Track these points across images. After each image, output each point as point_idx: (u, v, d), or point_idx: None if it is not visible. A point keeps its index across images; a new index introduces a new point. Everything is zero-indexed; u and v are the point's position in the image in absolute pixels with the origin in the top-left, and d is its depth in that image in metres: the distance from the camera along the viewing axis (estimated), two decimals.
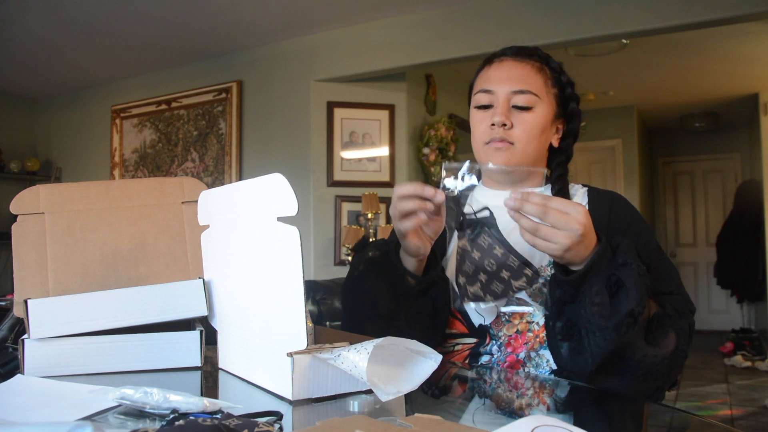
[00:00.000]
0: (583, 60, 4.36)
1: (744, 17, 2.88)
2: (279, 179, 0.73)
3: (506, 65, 1.11)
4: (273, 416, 0.62)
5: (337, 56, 3.81)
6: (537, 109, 1.08)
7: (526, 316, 1.05)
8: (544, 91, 1.10)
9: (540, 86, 1.09)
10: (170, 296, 0.93)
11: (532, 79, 1.09)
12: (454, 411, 0.75)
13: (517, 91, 1.08)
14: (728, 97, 5.54)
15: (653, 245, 1.06)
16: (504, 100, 1.08)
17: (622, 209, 1.11)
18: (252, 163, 4.12)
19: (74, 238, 1.01)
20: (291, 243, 0.71)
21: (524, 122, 1.07)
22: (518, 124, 1.07)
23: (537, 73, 1.10)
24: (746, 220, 5.67)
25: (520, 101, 1.07)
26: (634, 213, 1.12)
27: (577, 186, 1.18)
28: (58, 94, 5.13)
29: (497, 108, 1.08)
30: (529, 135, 1.07)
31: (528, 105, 1.07)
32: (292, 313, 0.71)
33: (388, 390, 0.66)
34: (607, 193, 1.14)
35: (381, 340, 0.69)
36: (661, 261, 1.06)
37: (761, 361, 5.01)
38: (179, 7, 3.42)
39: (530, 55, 1.12)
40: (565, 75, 1.15)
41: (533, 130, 1.08)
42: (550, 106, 1.10)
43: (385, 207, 3.70)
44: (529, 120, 1.07)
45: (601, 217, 1.06)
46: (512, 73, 1.09)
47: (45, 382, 0.82)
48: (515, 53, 1.13)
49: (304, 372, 0.71)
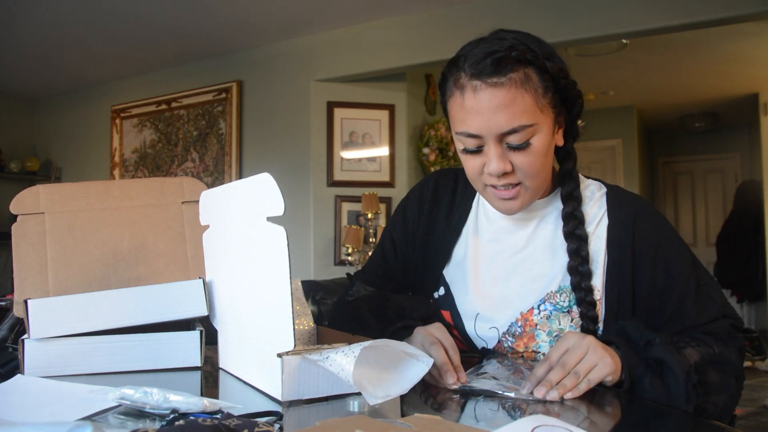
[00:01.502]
0: (583, 60, 4.36)
1: (744, 17, 2.88)
2: (266, 179, 0.73)
3: (484, 97, 0.88)
4: (273, 416, 0.63)
5: (337, 56, 3.81)
6: (536, 138, 0.90)
7: (531, 345, 1.00)
8: (538, 108, 0.89)
9: (531, 109, 0.88)
10: (170, 296, 0.93)
11: (521, 106, 0.87)
12: (453, 410, 0.75)
13: (507, 132, 0.88)
14: (728, 97, 5.54)
15: (687, 270, 0.97)
16: (495, 144, 0.90)
17: (647, 227, 0.99)
18: (252, 163, 4.12)
19: (74, 238, 1.01)
20: (278, 243, 0.71)
21: (526, 161, 0.91)
22: (519, 164, 0.91)
23: (524, 92, 0.88)
24: (746, 220, 5.67)
25: (514, 141, 0.89)
26: (661, 230, 1.00)
27: (593, 185, 1.06)
28: (58, 94, 5.13)
29: (491, 154, 0.91)
30: (534, 170, 0.93)
31: (524, 141, 0.89)
32: (280, 313, 0.71)
33: (377, 393, 0.66)
34: (630, 204, 1.01)
35: (371, 342, 0.69)
36: (701, 287, 0.97)
37: (761, 361, 5.01)
38: (179, 8, 3.42)
39: (504, 67, 0.87)
40: (552, 60, 0.91)
41: (537, 162, 0.92)
42: (548, 118, 0.92)
43: (384, 207, 3.70)
44: (531, 155, 0.91)
45: (624, 236, 0.98)
46: (495, 109, 0.87)
47: (45, 382, 0.82)
48: (487, 73, 0.87)
49: (294, 373, 0.71)
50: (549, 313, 0.99)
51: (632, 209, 1.01)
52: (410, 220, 1.16)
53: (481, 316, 1.04)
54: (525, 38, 0.93)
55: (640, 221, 0.99)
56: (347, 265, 3.67)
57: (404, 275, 1.16)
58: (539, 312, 1.00)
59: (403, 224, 1.16)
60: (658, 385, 0.83)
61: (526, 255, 1.04)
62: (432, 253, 1.12)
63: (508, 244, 1.06)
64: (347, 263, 3.67)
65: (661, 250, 0.98)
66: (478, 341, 1.04)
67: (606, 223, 1.01)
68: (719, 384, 0.89)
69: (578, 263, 0.98)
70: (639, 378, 0.84)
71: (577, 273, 0.98)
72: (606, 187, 1.06)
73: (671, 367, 0.83)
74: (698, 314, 0.96)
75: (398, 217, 1.19)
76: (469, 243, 1.09)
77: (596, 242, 1.01)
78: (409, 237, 1.15)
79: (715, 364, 0.89)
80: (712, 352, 0.90)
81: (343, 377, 0.67)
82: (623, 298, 0.98)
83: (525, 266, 1.03)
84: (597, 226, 1.02)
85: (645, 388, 0.83)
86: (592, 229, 1.01)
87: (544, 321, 1.00)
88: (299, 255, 3.72)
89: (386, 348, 0.71)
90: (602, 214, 1.02)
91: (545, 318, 0.99)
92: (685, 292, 0.97)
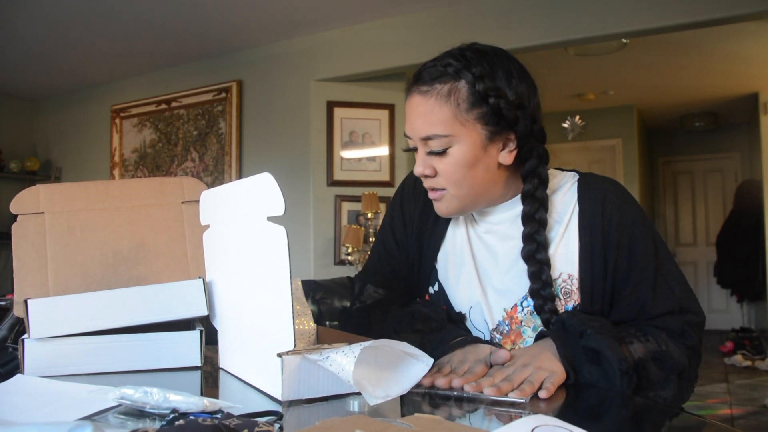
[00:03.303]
0: (583, 60, 4.36)
1: (743, 17, 2.88)
2: (267, 179, 0.73)
3: (413, 102, 0.98)
4: (273, 416, 0.63)
5: (337, 56, 3.81)
6: (454, 149, 0.95)
7: (518, 342, 1.01)
8: (458, 123, 0.94)
9: (449, 121, 0.94)
10: (170, 296, 0.93)
11: (437, 116, 0.94)
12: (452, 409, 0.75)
13: (425, 138, 0.96)
14: (728, 96, 5.54)
15: (648, 257, 0.98)
16: (420, 147, 0.98)
17: (614, 210, 1.00)
18: (252, 162, 4.12)
19: (74, 238, 1.01)
20: (278, 243, 0.71)
21: (445, 167, 0.97)
22: (440, 169, 0.98)
23: (443, 104, 0.94)
24: (746, 220, 5.67)
25: (433, 146, 0.96)
26: (627, 213, 1.01)
27: (568, 175, 1.08)
28: (58, 94, 5.13)
29: (417, 156, 1.00)
30: (454, 178, 0.97)
31: (441, 148, 0.96)
32: (280, 313, 0.71)
33: (377, 393, 0.66)
34: (598, 187, 1.03)
35: (371, 342, 0.69)
36: (660, 275, 0.98)
37: (761, 360, 5.01)
38: (179, 7, 3.42)
39: (436, 78, 0.96)
40: (486, 80, 0.94)
41: (457, 172, 0.96)
42: (472, 134, 0.95)
43: (384, 207, 3.70)
44: (449, 164, 0.96)
45: (593, 219, 1.00)
46: (418, 114, 0.97)
47: (45, 382, 0.82)
48: (420, 82, 0.98)
49: (294, 373, 0.71)
50: (532, 309, 1.00)
51: (601, 192, 1.02)
52: (407, 211, 1.16)
53: (474, 309, 1.05)
54: (481, 56, 0.97)
55: (608, 203, 1.01)
56: (347, 265, 3.67)
57: (409, 269, 1.15)
58: (522, 309, 1.01)
59: (401, 216, 1.16)
60: (597, 372, 0.86)
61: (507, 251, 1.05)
62: (425, 248, 1.12)
63: (490, 243, 1.07)
64: (347, 263, 3.67)
65: (625, 234, 0.99)
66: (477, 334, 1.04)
67: (577, 210, 1.02)
68: (662, 381, 0.90)
69: (539, 287, 0.98)
70: (579, 367, 0.87)
71: (539, 297, 0.98)
72: (579, 174, 1.07)
73: (605, 355, 0.85)
74: (654, 303, 0.96)
75: (395, 208, 1.18)
76: (456, 240, 1.10)
77: (571, 230, 1.02)
78: (408, 228, 1.15)
79: (657, 361, 0.90)
80: (659, 348, 0.91)
81: (343, 377, 0.67)
82: (596, 282, 0.99)
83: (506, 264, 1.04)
84: (570, 214, 1.02)
85: (585, 376, 0.86)
86: (567, 218, 1.02)
87: (528, 317, 1.01)
88: (299, 255, 3.72)
89: (386, 348, 0.71)
90: (574, 201, 1.03)
91: (529, 314, 1.01)
92: (642, 279, 0.97)
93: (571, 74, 4.84)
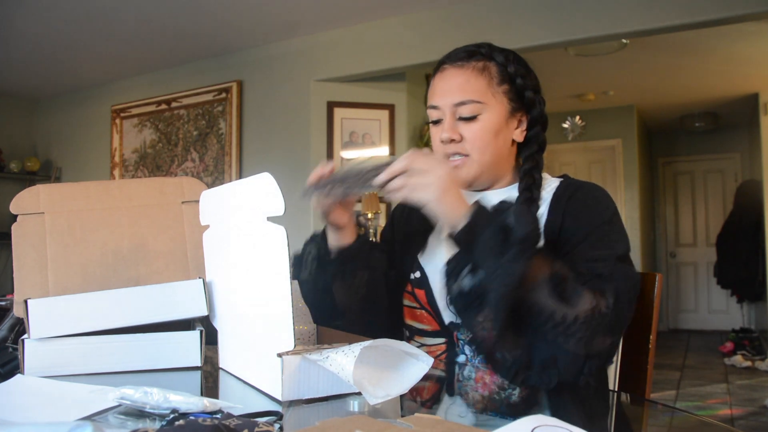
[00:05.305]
0: (583, 60, 4.36)
1: (743, 17, 2.88)
2: (267, 179, 0.73)
3: (447, 75, 1.09)
4: (273, 416, 0.63)
5: (337, 56, 3.81)
6: (484, 116, 1.06)
7: None
8: (490, 93, 1.07)
9: (483, 90, 1.06)
10: (170, 296, 0.93)
11: (473, 84, 1.06)
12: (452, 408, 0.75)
13: (458, 103, 1.06)
14: (728, 97, 5.54)
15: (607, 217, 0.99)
16: (449, 114, 1.07)
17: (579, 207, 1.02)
18: (252, 163, 4.12)
19: (74, 238, 1.01)
20: (278, 243, 0.71)
21: (473, 133, 1.06)
22: (467, 135, 1.06)
23: (479, 75, 1.07)
24: (746, 220, 5.67)
25: (464, 112, 1.06)
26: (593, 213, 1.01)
27: (553, 182, 1.11)
28: (58, 94, 5.13)
29: (444, 123, 1.08)
30: (480, 144, 1.06)
31: (473, 114, 1.06)
32: (280, 313, 0.71)
33: (377, 393, 0.66)
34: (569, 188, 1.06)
35: (371, 342, 0.69)
36: (604, 233, 0.97)
37: (761, 360, 5.01)
38: (179, 7, 3.42)
39: (471, 56, 1.09)
40: (514, 65, 1.09)
41: (484, 138, 1.06)
42: (500, 105, 1.07)
43: (385, 207, 3.70)
44: (477, 129, 1.06)
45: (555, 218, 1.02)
46: (452, 84, 1.08)
47: (45, 382, 0.82)
48: (455, 59, 1.10)
49: (294, 373, 0.71)
50: None
51: (572, 192, 1.05)
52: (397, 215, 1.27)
53: None
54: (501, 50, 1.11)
55: (574, 201, 1.03)
56: None
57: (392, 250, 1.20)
58: None
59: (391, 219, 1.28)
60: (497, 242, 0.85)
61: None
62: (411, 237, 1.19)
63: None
64: None
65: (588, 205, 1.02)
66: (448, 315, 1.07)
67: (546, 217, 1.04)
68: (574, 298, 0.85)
69: None
70: (480, 229, 0.88)
71: None
72: (562, 178, 1.11)
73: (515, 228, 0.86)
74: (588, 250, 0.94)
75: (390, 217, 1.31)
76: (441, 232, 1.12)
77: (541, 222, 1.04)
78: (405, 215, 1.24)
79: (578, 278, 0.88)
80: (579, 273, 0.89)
81: (343, 377, 0.67)
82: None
83: None
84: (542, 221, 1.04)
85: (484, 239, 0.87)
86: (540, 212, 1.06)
87: None
88: None
89: (386, 348, 0.71)
90: (545, 208, 1.06)
91: None
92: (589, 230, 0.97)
93: (571, 74, 4.84)
